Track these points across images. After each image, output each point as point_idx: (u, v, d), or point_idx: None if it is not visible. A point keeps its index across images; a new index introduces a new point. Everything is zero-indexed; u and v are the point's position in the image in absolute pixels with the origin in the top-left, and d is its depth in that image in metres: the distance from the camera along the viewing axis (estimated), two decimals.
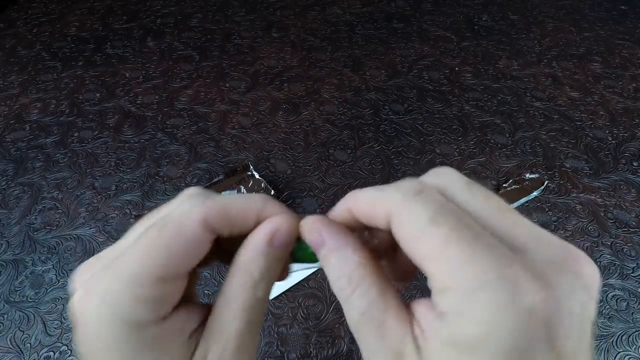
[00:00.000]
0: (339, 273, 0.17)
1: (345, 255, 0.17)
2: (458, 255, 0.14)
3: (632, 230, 0.52)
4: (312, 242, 0.18)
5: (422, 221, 0.15)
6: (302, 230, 0.19)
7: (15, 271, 0.48)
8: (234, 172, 0.54)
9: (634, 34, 0.84)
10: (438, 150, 0.61)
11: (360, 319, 0.16)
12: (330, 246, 0.18)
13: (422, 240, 0.15)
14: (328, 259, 0.18)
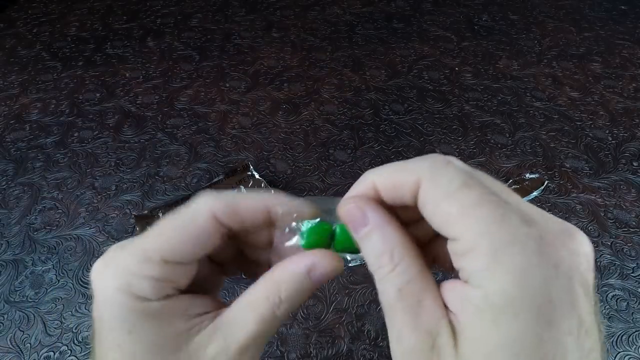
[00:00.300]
0: (382, 249, 0.17)
1: (388, 232, 0.17)
2: (490, 213, 0.14)
3: (632, 230, 0.52)
4: (355, 221, 0.18)
5: (455, 184, 0.16)
6: (342, 211, 0.18)
7: (15, 271, 0.48)
8: (234, 172, 0.54)
9: (634, 34, 0.84)
10: (438, 150, 0.61)
11: (397, 295, 0.16)
12: (373, 223, 0.17)
13: (452, 201, 0.15)
14: (370, 236, 0.17)
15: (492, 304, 0.14)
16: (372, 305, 0.45)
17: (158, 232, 0.18)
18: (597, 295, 0.46)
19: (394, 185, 0.17)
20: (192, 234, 0.18)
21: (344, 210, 0.18)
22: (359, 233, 0.18)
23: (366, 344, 0.43)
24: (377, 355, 0.42)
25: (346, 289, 0.47)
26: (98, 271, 0.18)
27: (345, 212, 0.18)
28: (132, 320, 0.17)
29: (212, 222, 0.18)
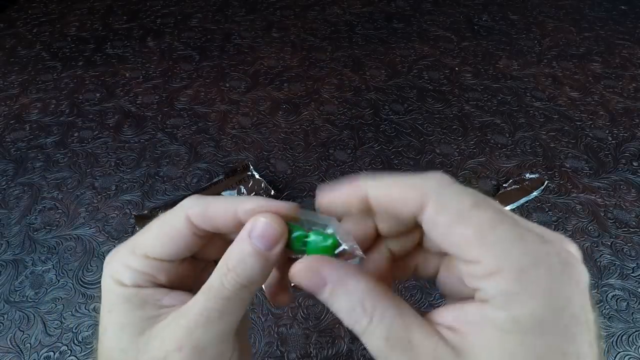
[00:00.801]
0: (350, 305, 0.16)
1: (351, 285, 0.17)
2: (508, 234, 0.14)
3: (632, 230, 0.52)
4: (312, 285, 0.17)
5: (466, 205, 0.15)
6: (296, 276, 0.18)
7: (15, 271, 0.48)
8: (234, 172, 0.54)
9: (634, 34, 0.84)
10: (438, 150, 0.61)
11: (385, 345, 0.15)
12: (334, 282, 0.17)
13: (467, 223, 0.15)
14: (335, 296, 0.17)
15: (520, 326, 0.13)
16: None
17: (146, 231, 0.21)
18: (597, 296, 0.46)
19: (393, 200, 0.17)
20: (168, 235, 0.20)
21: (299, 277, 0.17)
22: (322, 295, 0.17)
23: None
24: None
25: None
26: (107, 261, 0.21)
27: (299, 277, 0.17)
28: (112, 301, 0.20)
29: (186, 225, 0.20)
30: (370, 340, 0.16)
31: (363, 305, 0.16)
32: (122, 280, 0.20)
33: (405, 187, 0.16)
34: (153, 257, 0.20)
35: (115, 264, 0.20)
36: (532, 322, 0.13)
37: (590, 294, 0.14)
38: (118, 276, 0.20)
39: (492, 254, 0.14)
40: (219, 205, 0.20)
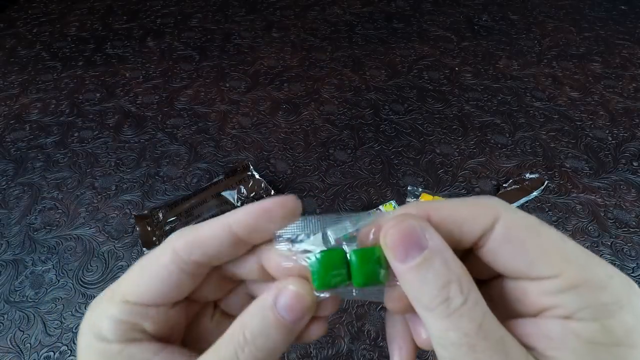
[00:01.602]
0: (447, 278, 0.14)
1: (451, 257, 0.15)
2: (579, 249, 0.14)
3: (632, 230, 0.52)
4: (405, 247, 0.15)
5: (534, 222, 0.15)
6: (389, 234, 0.15)
7: (15, 271, 0.48)
8: (234, 172, 0.54)
9: (634, 34, 0.84)
10: (438, 150, 0.61)
11: (479, 332, 0.14)
12: (434, 247, 0.15)
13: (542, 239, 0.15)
14: (431, 263, 0.14)
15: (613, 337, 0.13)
16: (372, 305, 0.45)
17: (127, 274, 0.17)
18: None
19: (460, 220, 0.15)
20: (153, 274, 0.17)
21: (393, 229, 0.15)
22: (412, 260, 0.15)
23: (366, 344, 0.43)
24: (377, 355, 0.42)
25: None
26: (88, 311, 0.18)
27: (394, 231, 0.15)
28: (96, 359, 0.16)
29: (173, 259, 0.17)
30: (459, 323, 0.14)
31: (460, 282, 0.14)
32: (104, 334, 0.16)
33: (474, 206, 0.15)
34: (135, 302, 0.17)
35: (94, 315, 0.17)
36: (624, 332, 0.13)
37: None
38: (97, 329, 0.16)
39: (574, 267, 0.14)
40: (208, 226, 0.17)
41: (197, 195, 0.51)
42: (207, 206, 0.49)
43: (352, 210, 0.53)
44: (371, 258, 0.16)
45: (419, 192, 0.54)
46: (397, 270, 0.15)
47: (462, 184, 0.57)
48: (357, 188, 0.56)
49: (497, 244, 0.15)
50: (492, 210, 0.15)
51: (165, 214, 0.49)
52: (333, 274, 0.16)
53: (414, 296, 0.15)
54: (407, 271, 0.15)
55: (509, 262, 0.15)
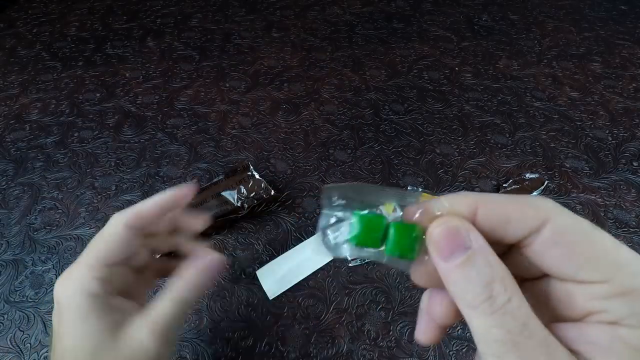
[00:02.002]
0: (491, 277, 0.15)
1: (493, 258, 0.15)
2: (632, 256, 0.14)
3: (632, 230, 0.52)
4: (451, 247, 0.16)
5: (586, 226, 0.15)
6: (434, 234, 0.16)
7: (15, 271, 0.48)
8: (234, 172, 0.54)
9: (634, 34, 0.84)
10: (438, 150, 0.61)
11: (523, 330, 0.14)
12: (477, 248, 0.15)
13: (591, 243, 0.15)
14: (473, 262, 0.15)
15: None
16: (372, 305, 0.45)
17: (91, 246, 0.27)
18: None
19: (507, 218, 0.16)
20: (114, 241, 0.27)
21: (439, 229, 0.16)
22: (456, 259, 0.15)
23: (366, 344, 0.43)
24: (377, 355, 0.42)
25: (346, 289, 0.47)
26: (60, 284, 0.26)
27: (440, 231, 0.16)
28: (83, 312, 0.25)
29: (124, 229, 0.27)
30: (503, 321, 0.14)
31: (504, 281, 0.15)
32: (94, 291, 0.25)
33: (523, 205, 0.16)
34: (108, 263, 0.26)
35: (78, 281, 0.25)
36: None
37: None
38: (85, 287, 0.25)
39: (624, 273, 0.14)
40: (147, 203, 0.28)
41: (197, 195, 0.51)
42: (207, 206, 0.49)
43: None
44: (409, 234, 0.17)
45: (419, 192, 0.54)
46: (441, 269, 0.16)
47: (462, 184, 0.57)
48: None
49: (545, 246, 0.15)
50: (542, 213, 0.15)
51: None
52: (370, 236, 0.17)
53: (458, 294, 0.15)
54: (451, 269, 0.15)
55: (557, 264, 0.15)
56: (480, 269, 0.15)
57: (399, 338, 0.43)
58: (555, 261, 0.15)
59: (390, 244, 0.17)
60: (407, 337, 0.43)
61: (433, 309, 0.18)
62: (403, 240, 0.17)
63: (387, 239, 0.17)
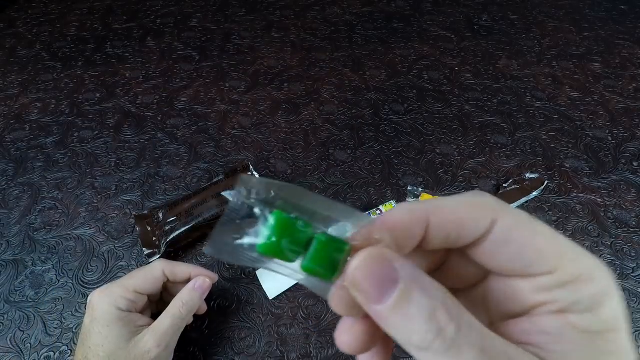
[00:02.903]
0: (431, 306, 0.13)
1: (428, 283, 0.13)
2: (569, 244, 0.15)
3: (632, 230, 0.52)
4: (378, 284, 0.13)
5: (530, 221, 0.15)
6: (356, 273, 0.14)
7: (15, 271, 0.48)
8: (234, 172, 0.54)
9: (634, 34, 0.84)
10: (438, 150, 0.61)
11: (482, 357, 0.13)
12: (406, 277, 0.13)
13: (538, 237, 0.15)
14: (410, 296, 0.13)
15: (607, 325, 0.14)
16: None
17: (133, 274, 0.39)
18: None
19: (461, 223, 0.15)
20: (150, 279, 0.39)
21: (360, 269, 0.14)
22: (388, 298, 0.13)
23: None
24: None
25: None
26: (99, 295, 0.36)
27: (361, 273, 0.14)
28: (111, 319, 0.35)
29: (161, 274, 0.39)
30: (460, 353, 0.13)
31: (446, 306, 0.13)
32: (120, 306, 0.36)
33: (474, 207, 0.15)
34: (140, 292, 0.38)
35: (114, 296, 0.36)
36: (613, 318, 0.14)
37: None
38: (117, 303, 0.36)
39: (566, 263, 0.14)
40: (181, 267, 0.40)
41: (197, 195, 0.51)
42: (207, 206, 0.49)
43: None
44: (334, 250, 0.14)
45: (419, 192, 0.54)
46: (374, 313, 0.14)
47: (462, 184, 0.57)
48: (357, 188, 0.56)
49: (496, 245, 0.15)
50: (490, 212, 0.15)
51: (165, 214, 0.49)
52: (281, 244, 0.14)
53: (402, 338, 0.13)
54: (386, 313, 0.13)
55: (507, 261, 0.15)
56: (419, 303, 0.13)
57: None
58: (506, 258, 0.15)
59: (308, 258, 0.14)
60: None
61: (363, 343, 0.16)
62: (324, 256, 0.14)
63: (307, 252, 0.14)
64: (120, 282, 0.38)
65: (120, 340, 0.34)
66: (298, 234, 0.14)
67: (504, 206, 0.15)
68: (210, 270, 0.42)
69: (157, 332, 0.35)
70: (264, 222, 0.14)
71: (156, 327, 0.36)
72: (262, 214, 0.14)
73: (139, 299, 0.37)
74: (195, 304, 0.39)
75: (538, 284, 0.15)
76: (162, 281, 0.39)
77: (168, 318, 0.36)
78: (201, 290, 0.39)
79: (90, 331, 0.34)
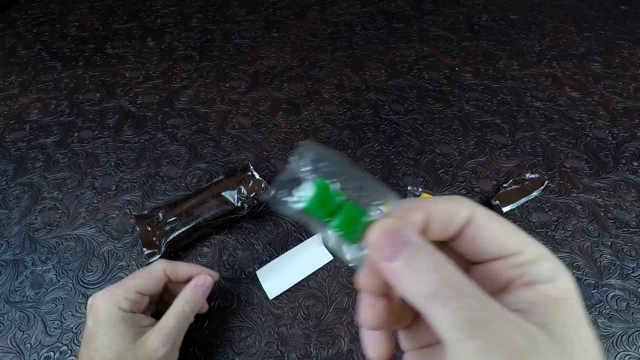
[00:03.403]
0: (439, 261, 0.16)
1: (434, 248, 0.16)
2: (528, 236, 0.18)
3: (632, 230, 0.52)
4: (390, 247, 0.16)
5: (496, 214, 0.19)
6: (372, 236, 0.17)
7: (15, 271, 0.48)
8: (234, 172, 0.54)
9: (634, 34, 0.84)
10: (438, 150, 0.61)
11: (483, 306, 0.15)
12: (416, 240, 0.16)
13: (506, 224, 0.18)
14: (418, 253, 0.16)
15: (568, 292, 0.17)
16: None
17: (134, 275, 0.39)
18: (597, 296, 0.46)
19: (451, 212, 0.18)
20: (151, 279, 0.39)
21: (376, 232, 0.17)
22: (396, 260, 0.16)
23: None
24: None
25: (346, 289, 0.47)
26: (101, 297, 0.37)
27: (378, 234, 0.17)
28: (115, 321, 0.35)
29: (162, 274, 0.40)
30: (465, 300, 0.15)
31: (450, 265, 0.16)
32: (123, 307, 0.36)
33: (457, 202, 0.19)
34: (142, 293, 0.38)
35: (117, 297, 0.36)
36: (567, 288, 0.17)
37: None
38: (120, 304, 0.36)
39: (529, 244, 0.18)
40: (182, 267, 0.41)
41: (197, 195, 0.51)
42: (207, 206, 0.49)
43: None
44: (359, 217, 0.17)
45: (419, 192, 0.54)
46: (387, 270, 0.17)
47: (462, 184, 0.57)
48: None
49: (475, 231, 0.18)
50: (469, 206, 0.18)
51: (165, 214, 0.49)
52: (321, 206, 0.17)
53: (411, 289, 0.16)
54: (397, 268, 0.16)
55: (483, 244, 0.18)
56: (426, 258, 0.16)
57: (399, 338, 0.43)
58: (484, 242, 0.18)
59: (337, 220, 0.17)
60: None
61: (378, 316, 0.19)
62: (350, 220, 0.17)
63: (336, 215, 0.18)
64: (122, 283, 0.38)
65: (126, 340, 0.34)
66: (332, 199, 0.18)
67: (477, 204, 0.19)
68: (211, 270, 0.42)
69: (163, 332, 0.35)
70: (308, 186, 0.18)
71: (161, 326, 0.36)
72: (308, 178, 0.18)
73: (141, 300, 0.38)
74: (198, 302, 0.39)
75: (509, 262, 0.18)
76: (164, 281, 0.40)
77: (172, 317, 0.37)
78: (203, 288, 0.40)
79: (94, 333, 0.35)
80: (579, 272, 0.48)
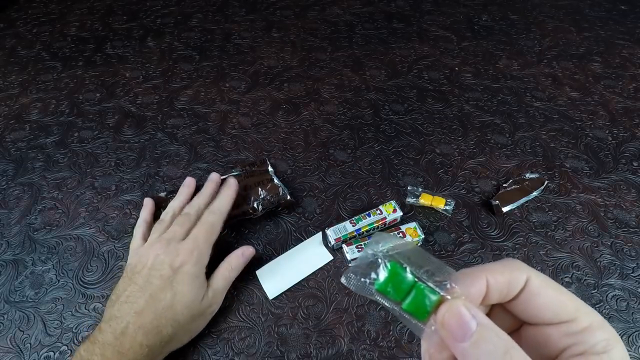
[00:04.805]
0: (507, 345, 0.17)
1: (500, 330, 0.17)
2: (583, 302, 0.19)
3: (632, 230, 0.52)
4: (462, 327, 0.18)
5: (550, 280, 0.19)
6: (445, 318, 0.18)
7: (15, 271, 0.48)
8: (251, 166, 0.56)
9: (634, 34, 0.84)
10: (438, 150, 0.61)
11: None
12: (484, 323, 0.17)
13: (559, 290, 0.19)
14: (484, 340, 0.17)
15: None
16: (372, 305, 0.45)
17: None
18: (597, 296, 0.46)
19: (506, 280, 0.19)
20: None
21: (448, 314, 0.18)
22: (467, 339, 0.17)
23: (366, 344, 0.43)
24: (377, 355, 0.42)
25: (346, 289, 0.47)
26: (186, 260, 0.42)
27: (449, 316, 0.18)
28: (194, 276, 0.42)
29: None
30: None
31: (517, 349, 0.17)
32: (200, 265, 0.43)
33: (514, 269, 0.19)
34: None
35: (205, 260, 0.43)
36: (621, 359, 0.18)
37: None
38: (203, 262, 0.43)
39: (583, 312, 0.18)
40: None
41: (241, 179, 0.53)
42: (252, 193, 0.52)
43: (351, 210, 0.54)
44: (426, 297, 0.19)
45: (419, 192, 0.54)
46: (459, 349, 0.18)
47: (462, 184, 0.57)
48: (357, 188, 0.56)
49: (530, 297, 0.19)
50: (524, 273, 0.19)
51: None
52: (393, 287, 0.19)
53: None
54: (468, 348, 0.17)
55: (537, 310, 0.19)
56: (494, 341, 0.17)
57: (399, 338, 0.43)
58: (537, 308, 0.19)
59: (409, 301, 0.19)
60: (407, 337, 0.43)
61: None
62: (420, 300, 0.19)
63: (408, 295, 0.19)
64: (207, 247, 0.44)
65: (197, 291, 0.41)
66: (404, 281, 0.19)
67: (532, 269, 0.20)
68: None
69: (217, 292, 0.43)
70: (383, 268, 0.20)
71: (214, 287, 0.43)
72: (383, 262, 0.20)
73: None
74: (240, 269, 0.45)
75: (563, 330, 0.18)
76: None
77: (221, 280, 0.43)
78: (244, 258, 0.45)
79: (178, 280, 0.40)
80: (579, 272, 0.48)
